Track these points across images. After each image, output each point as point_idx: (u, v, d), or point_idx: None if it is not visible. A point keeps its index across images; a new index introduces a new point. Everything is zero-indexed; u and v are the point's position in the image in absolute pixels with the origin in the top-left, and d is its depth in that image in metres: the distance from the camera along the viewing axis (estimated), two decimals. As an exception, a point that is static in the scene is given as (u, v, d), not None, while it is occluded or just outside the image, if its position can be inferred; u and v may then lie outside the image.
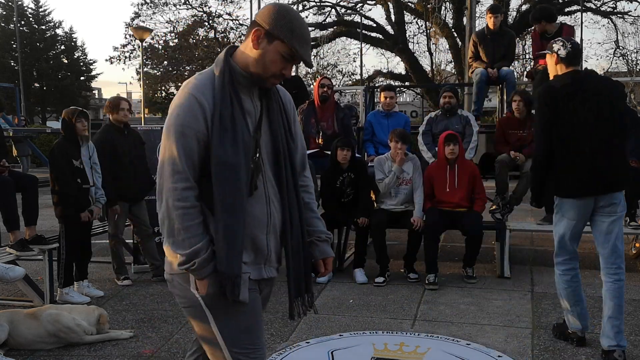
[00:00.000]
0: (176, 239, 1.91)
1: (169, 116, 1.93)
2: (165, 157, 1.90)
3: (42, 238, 5.10)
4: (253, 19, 1.97)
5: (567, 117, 3.60)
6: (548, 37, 6.79)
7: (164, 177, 1.90)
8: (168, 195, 1.89)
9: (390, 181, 5.70)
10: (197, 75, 1.98)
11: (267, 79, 1.97)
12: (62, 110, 5.39)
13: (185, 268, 1.92)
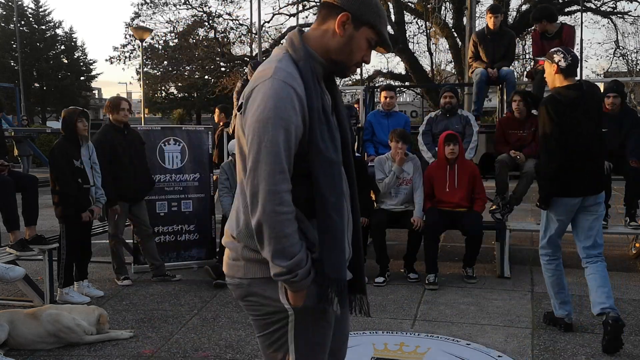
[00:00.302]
0: (276, 248, 1.67)
1: (259, 107, 1.67)
2: (261, 155, 1.65)
3: (42, 238, 5.10)
4: (329, 0, 1.80)
5: (572, 127, 3.86)
6: (548, 37, 6.79)
7: (259, 177, 1.65)
8: (267, 199, 1.65)
9: (390, 181, 5.70)
10: (277, 62, 1.74)
11: (350, 67, 1.83)
12: (62, 110, 5.39)
13: (285, 280, 1.70)
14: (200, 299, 5.11)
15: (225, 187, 6.14)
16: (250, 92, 1.73)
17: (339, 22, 1.78)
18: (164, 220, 6.27)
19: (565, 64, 3.85)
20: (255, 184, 1.67)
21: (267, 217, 1.66)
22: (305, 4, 22.32)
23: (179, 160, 6.39)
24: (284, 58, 1.77)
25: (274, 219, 1.65)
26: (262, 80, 1.71)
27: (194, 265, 6.33)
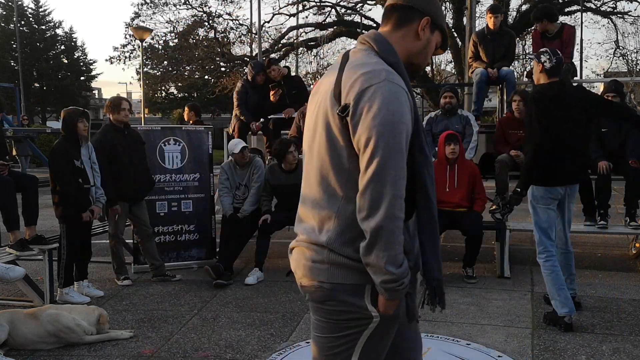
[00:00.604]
0: (390, 254, 1.63)
1: (381, 111, 1.62)
2: (389, 160, 1.62)
3: (42, 238, 5.10)
4: (409, 3, 1.82)
5: (557, 119, 4.15)
6: (549, 36, 6.79)
7: (385, 182, 1.61)
8: (392, 204, 1.61)
9: None
10: (378, 65, 1.71)
11: (421, 70, 1.88)
12: (62, 111, 5.39)
13: (391, 287, 1.66)
14: (200, 299, 5.11)
15: (225, 187, 6.14)
16: (359, 94, 1.66)
17: (421, 26, 1.82)
18: (164, 220, 6.27)
19: (549, 65, 4.19)
20: (379, 188, 1.62)
21: (390, 222, 1.62)
22: (305, 4, 22.32)
23: (179, 160, 6.38)
24: (380, 61, 1.75)
25: (395, 225, 1.63)
26: (376, 82, 1.66)
27: (194, 265, 6.33)
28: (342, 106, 1.69)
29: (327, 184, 1.75)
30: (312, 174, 1.81)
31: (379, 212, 1.62)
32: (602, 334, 4.09)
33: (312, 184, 1.81)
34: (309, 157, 1.84)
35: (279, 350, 3.87)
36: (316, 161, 1.78)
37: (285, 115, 7.19)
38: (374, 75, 1.67)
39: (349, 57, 1.80)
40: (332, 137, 1.72)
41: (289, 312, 4.70)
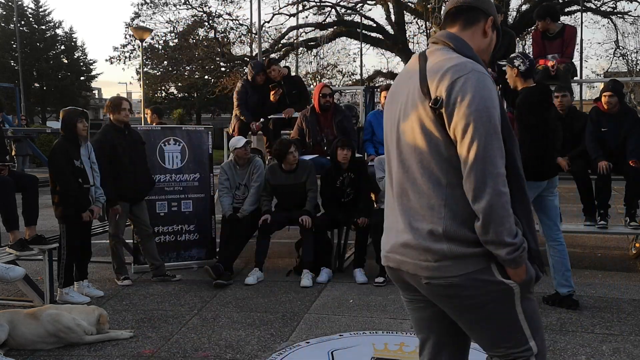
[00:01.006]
0: (506, 227, 1.76)
1: (475, 98, 1.76)
2: (490, 142, 1.75)
3: (42, 238, 5.10)
4: (474, 5, 2.00)
5: (540, 120, 4.56)
6: (550, 36, 6.79)
7: (489, 163, 1.75)
8: (496, 182, 1.75)
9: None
10: (458, 58, 1.86)
11: (487, 66, 1.99)
12: (60, 111, 5.38)
13: (515, 256, 1.78)
14: (200, 299, 5.11)
15: (225, 187, 6.15)
16: (451, 85, 1.79)
17: (488, 25, 2.00)
18: (164, 220, 6.27)
19: (524, 68, 4.49)
20: (482, 170, 1.75)
21: (498, 198, 1.75)
22: (305, 4, 22.31)
23: (179, 160, 6.39)
24: (460, 55, 1.89)
25: (504, 199, 1.76)
26: (464, 73, 1.80)
27: (194, 265, 6.33)
28: (434, 99, 1.81)
29: (430, 175, 1.86)
30: (409, 175, 1.91)
31: (486, 191, 1.75)
32: (602, 334, 4.09)
33: (414, 183, 1.90)
34: (397, 164, 1.96)
35: (279, 350, 3.87)
36: (413, 158, 1.89)
37: (285, 115, 7.19)
38: (461, 67, 1.82)
39: (427, 57, 1.93)
40: (427, 131, 1.85)
41: (289, 312, 4.70)
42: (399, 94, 1.99)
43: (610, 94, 5.75)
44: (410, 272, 1.92)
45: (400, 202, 1.97)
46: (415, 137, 1.88)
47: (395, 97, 2.01)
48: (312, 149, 6.48)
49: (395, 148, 1.98)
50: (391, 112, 2.03)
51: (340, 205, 5.95)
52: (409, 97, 1.91)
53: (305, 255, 5.72)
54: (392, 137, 2.01)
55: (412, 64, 1.99)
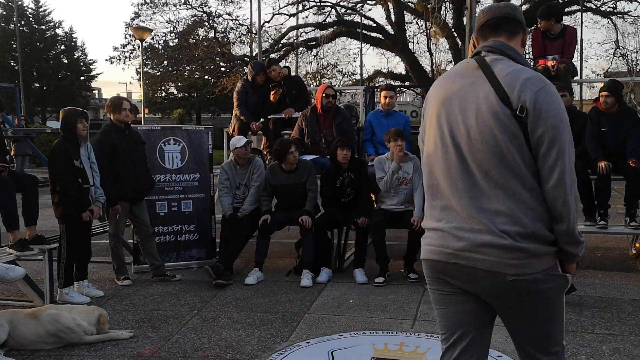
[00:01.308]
0: (576, 224, 1.97)
1: (558, 109, 1.95)
2: (567, 149, 1.94)
3: (42, 238, 5.10)
4: (516, 17, 2.15)
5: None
6: (551, 37, 6.78)
7: (573, 170, 1.96)
8: (574, 187, 1.96)
9: (390, 179, 5.70)
10: (527, 69, 2.03)
11: None
12: (60, 111, 5.38)
13: (582, 249, 2.00)
14: (200, 299, 5.11)
15: (225, 187, 6.15)
16: (534, 96, 1.93)
17: (525, 36, 2.16)
18: (164, 220, 6.27)
19: None
20: (571, 176, 1.95)
21: (575, 201, 1.97)
22: (305, 4, 22.32)
23: (179, 160, 6.39)
24: (523, 66, 2.05)
25: (577, 202, 1.99)
26: (543, 85, 1.96)
27: (194, 265, 6.33)
28: (519, 108, 1.94)
29: (514, 179, 1.97)
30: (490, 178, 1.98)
31: (572, 197, 1.95)
32: (602, 334, 4.09)
33: (496, 186, 1.98)
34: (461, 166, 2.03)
35: (279, 350, 3.87)
36: (493, 163, 1.97)
37: (285, 115, 7.19)
38: (538, 79, 1.97)
39: (492, 66, 2.05)
40: (510, 136, 1.95)
41: (289, 312, 4.70)
42: (457, 97, 2.06)
43: (606, 93, 5.75)
44: (492, 269, 1.98)
45: (473, 203, 2.01)
46: (496, 142, 1.96)
47: (452, 100, 2.07)
48: (311, 149, 6.48)
49: (454, 149, 2.04)
50: (444, 114, 2.08)
51: (340, 205, 5.95)
52: (482, 102, 1.99)
53: (305, 255, 5.72)
54: (445, 139, 2.07)
55: (469, 69, 2.10)
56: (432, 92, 2.19)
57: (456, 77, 2.14)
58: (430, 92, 2.21)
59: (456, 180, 2.04)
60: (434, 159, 2.12)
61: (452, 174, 2.06)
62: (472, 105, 2.00)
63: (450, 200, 2.07)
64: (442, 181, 2.09)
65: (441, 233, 2.09)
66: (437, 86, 2.20)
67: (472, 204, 2.01)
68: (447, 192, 2.08)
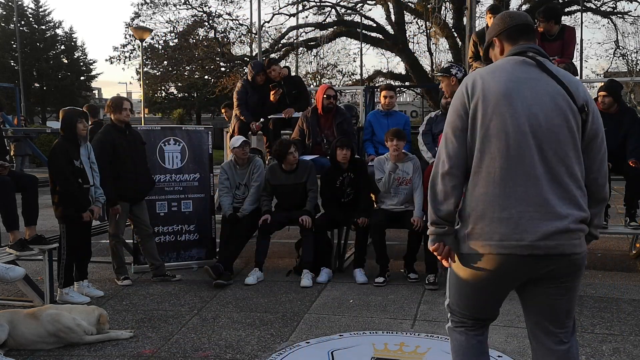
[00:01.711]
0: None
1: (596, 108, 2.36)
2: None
3: (42, 238, 5.10)
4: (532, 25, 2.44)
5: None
6: (550, 38, 6.78)
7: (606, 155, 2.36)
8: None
9: (387, 180, 5.70)
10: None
11: None
12: (60, 110, 5.38)
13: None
14: (200, 299, 5.11)
15: (225, 187, 6.14)
16: (588, 97, 2.30)
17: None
18: (164, 220, 6.27)
19: (461, 74, 4.84)
20: (606, 166, 2.35)
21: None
22: (305, 4, 22.32)
23: (179, 160, 6.38)
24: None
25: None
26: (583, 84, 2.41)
27: (194, 265, 6.33)
28: (581, 106, 2.26)
29: (579, 167, 2.25)
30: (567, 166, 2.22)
31: (607, 182, 2.39)
32: (602, 334, 4.09)
33: (571, 174, 2.22)
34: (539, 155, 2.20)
35: (279, 350, 3.87)
36: (565, 152, 2.21)
37: (285, 115, 7.19)
38: (580, 81, 2.40)
39: (551, 68, 2.30)
40: (574, 130, 2.25)
41: (289, 312, 4.70)
42: (527, 90, 2.23)
43: (604, 93, 5.76)
44: (565, 252, 2.20)
45: (552, 189, 2.19)
46: (569, 133, 2.22)
47: (521, 93, 2.22)
48: (312, 150, 6.48)
49: (532, 139, 2.20)
50: (514, 105, 2.21)
51: (340, 205, 5.95)
52: (556, 96, 2.23)
53: (305, 255, 5.72)
54: (518, 128, 2.20)
55: (527, 66, 2.28)
56: (486, 86, 2.25)
57: (514, 73, 2.26)
58: (481, 85, 2.26)
59: (530, 167, 2.19)
60: (500, 146, 2.20)
61: (526, 161, 2.18)
62: (546, 99, 2.22)
63: (522, 186, 2.18)
64: (512, 168, 2.19)
65: (510, 222, 2.18)
66: (491, 80, 2.26)
67: (548, 190, 2.19)
68: (518, 179, 2.19)
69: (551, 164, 2.18)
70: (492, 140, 2.21)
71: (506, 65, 2.31)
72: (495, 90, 2.22)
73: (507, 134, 2.19)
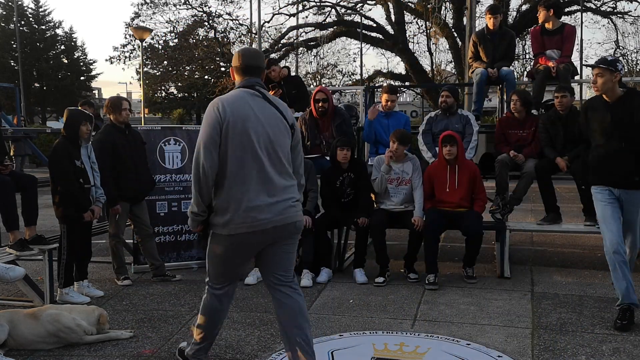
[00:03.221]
0: None
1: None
2: None
3: (42, 238, 5.10)
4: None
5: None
6: (549, 32, 6.80)
7: None
8: None
9: (380, 180, 5.71)
10: None
11: None
12: (65, 109, 5.34)
13: None
14: (200, 299, 5.06)
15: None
16: (291, 116, 3.30)
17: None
18: (164, 220, 6.27)
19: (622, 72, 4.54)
20: None
21: None
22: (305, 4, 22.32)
23: (179, 160, 6.38)
24: None
25: None
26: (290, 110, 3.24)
27: (194, 265, 6.32)
28: (291, 124, 3.28)
29: (288, 167, 3.24)
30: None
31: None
32: (602, 334, 4.09)
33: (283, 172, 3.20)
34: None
35: (279, 350, 3.87)
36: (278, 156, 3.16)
37: (285, 115, 7.18)
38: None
39: (270, 98, 3.26)
40: (288, 140, 3.25)
41: (289, 312, 4.70)
42: (256, 115, 3.18)
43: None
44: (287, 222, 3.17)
45: (277, 182, 3.15)
46: (286, 143, 3.24)
47: (254, 117, 3.18)
48: (311, 151, 6.47)
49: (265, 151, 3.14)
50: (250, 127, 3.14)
51: (340, 205, 5.95)
52: (275, 120, 3.24)
53: (305, 255, 5.72)
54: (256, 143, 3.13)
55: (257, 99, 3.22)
56: (232, 110, 3.15)
57: (249, 102, 3.20)
58: (229, 109, 3.16)
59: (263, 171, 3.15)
60: (242, 156, 3.13)
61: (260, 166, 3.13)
62: (272, 120, 3.22)
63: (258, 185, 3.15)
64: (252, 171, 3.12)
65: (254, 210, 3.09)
66: (233, 106, 3.19)
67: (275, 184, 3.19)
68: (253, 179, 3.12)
69: (277, 167, 3.13)
70: (237, 151, 3.10)
71: (243, 94, 3.17)
72: (237, 114, 3.10)
73: (247, 147, 3.08)
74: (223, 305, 3.44)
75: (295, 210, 3.18)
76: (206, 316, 3.44)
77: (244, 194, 3.05)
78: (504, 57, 7.15)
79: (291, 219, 3.16)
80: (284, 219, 3.12)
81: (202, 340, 3.45)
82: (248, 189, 3.06)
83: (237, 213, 3.06)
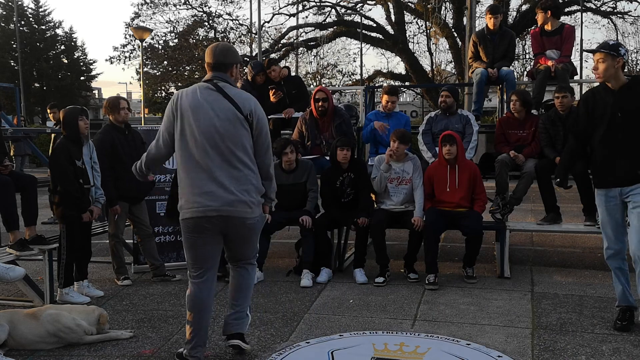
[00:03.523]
0: None
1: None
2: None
3: (42, 238, 5.10)
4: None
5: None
6: (548, 33, 6.81)
7: None
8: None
9: (380, 179, 5.71)
10: None
11: None
12: (60, 111, 5.36)
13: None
14: (200, 299, 5.10)
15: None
16: (250, 105, 3.43)
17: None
18: (164, 220, 6.26)
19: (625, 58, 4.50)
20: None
21: None
22: (305, 4, 22.33)
23: (179, 160, 6.37)
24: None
25: None
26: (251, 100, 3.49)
27: (194, 265, 6.31)
28: (247, 115, 3.42)
29: (243, 157, 3.42)
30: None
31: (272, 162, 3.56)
32: (602, 334, 4.09)
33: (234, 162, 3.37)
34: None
35: (279, 351, 3.87)
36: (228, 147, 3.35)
37: (285, 116, 7.19)
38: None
39: (227, 90, 3.44)
40: (242, 131, 3.42)
41: (289, 312, 4.70)
42: (205, 108, 3.39)
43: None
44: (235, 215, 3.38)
45: (225, 173, 3.35)
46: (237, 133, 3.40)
47: (202, 109, 3.40)
48: (311, 151, 6.47)
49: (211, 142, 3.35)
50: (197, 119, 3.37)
51: (340, 205, 5.95)
52: (225, 112, 3.40)
53: (305, 255, 5.72)
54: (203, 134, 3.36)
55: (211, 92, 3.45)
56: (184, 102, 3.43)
57: (202, 95, 3.41)
58: (181, 101, 3.43)
59: (209, 160, 3.36)
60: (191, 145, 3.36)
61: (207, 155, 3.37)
62: (221, 113, 3.40)
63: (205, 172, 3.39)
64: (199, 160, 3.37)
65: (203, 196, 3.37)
66: (185, 98, 3.44)
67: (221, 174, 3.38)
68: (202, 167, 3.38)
69: (225, 156, 3.30)
70: (187, 140, 3.33)
71: (197, 88, 3.40)
72: (186, 106, 3.34)
73: (195, 137, 3.29)
74: (203, 294, 3.51)
75: (247, 208, 3.35)
76: (191, 309, 3.51)
77: (193, 180, 3.32)
78: (504, 57, 7.15)
79: (239, 214, 3.32)
80: (232, 211, 3.31)
81: (193, 336, 3.51)
82: (196, 177, 3.32)
83: (186, 198, 3.37)
